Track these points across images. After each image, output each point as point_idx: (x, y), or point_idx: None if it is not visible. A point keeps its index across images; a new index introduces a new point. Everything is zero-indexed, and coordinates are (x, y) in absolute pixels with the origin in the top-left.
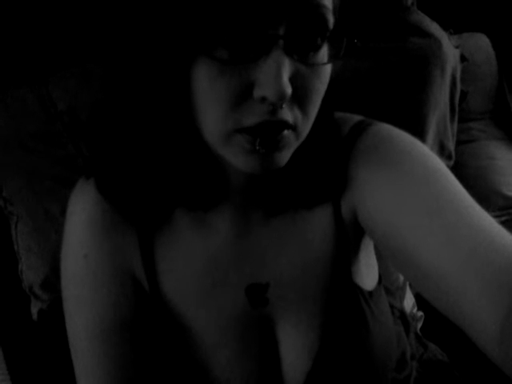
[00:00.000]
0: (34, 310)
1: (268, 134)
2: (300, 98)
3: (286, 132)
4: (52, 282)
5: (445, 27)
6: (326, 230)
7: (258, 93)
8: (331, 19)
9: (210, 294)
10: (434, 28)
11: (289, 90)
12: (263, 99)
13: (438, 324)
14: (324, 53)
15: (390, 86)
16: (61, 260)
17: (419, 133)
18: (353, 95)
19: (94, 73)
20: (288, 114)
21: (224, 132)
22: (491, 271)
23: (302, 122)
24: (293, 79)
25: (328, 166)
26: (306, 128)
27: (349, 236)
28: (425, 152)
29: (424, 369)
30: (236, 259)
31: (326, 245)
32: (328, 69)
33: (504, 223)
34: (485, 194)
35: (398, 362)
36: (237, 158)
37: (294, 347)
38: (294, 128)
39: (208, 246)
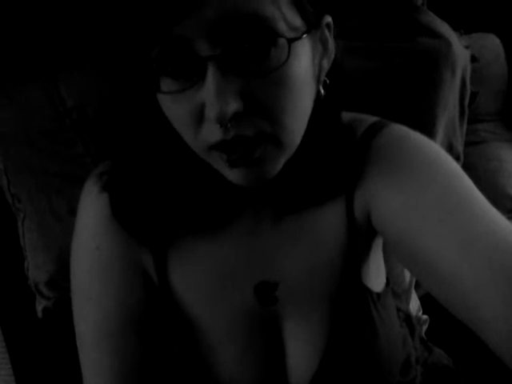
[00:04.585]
0: (39, 308)
1: (232, 151)
2: (264, 109)
3: (256, 145)
4: (57, 280)
5: (455, 27)
6: (338, 230)
7: (206, 113)
8: (275, 24)
9: (218, 290)
10: (445, 28)
11: (231, 108)
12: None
13: (443, 328)
14: (281, 54)
15: (399, 86)
16: (71, 252)
17: (428, 133)
18: (362, 95)
19: (104, 69)
20: (246, 129)
21: (200, 149)
22: (507, 273)
23: (275, 131)
24: (245, 93)
25: (336, 163)
26: (288, 137)
27: (360, 237)
28: (440, 154)
29: (429, 373)
30: (246, 257)
31: (337, 245)
32: (297, 69)
33: None
34: (493, 197)
35: (403, 366)
36: (223, 171)
37: (301, 347)
38: (266, 139)
39: (219, 243)
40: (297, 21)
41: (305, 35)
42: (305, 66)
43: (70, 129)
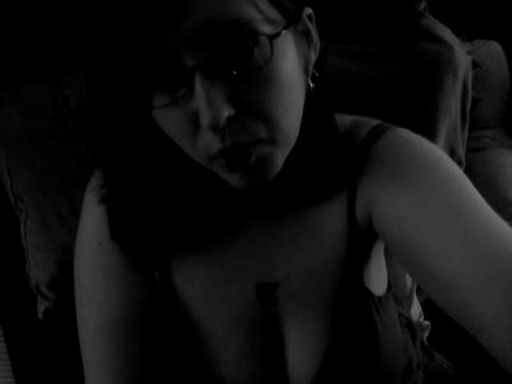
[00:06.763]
0: (40, 309)
1: (232, 159)
2: (256, 110)
3: (253, 148)
4: (59, 281)
5: (457, 34)
6: (339, 232)
7: (200, 122)
8: (254, 24)
9: (219, 290)
10: (447, 34)
11: (223, 114)
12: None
13: (445, 334)
14: (265, 52)
15: (401, 90)
16: (75, 248)
17: (429, 137)
18: (363, 99)
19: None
20: (241, 134)
21: (201, 159)
22: (508, 279)
23: (270, 131)
24: (235, 97)
25: (333, 158)
26: (283, 135)
27: (361, 239)
28: (443, 158)
29: (430, 379)
30: (247, 258)
31: (339, 247)
32: (283, 64)
33: None
34: (494, 203)
35: (404, 371)
36: (224, 176)
37: (301, 348)
38: (262, 141)
39: (220, 244)
40: (275, 15)
41: (285, 30)
42: (291, 59)
43: (73, 129)
